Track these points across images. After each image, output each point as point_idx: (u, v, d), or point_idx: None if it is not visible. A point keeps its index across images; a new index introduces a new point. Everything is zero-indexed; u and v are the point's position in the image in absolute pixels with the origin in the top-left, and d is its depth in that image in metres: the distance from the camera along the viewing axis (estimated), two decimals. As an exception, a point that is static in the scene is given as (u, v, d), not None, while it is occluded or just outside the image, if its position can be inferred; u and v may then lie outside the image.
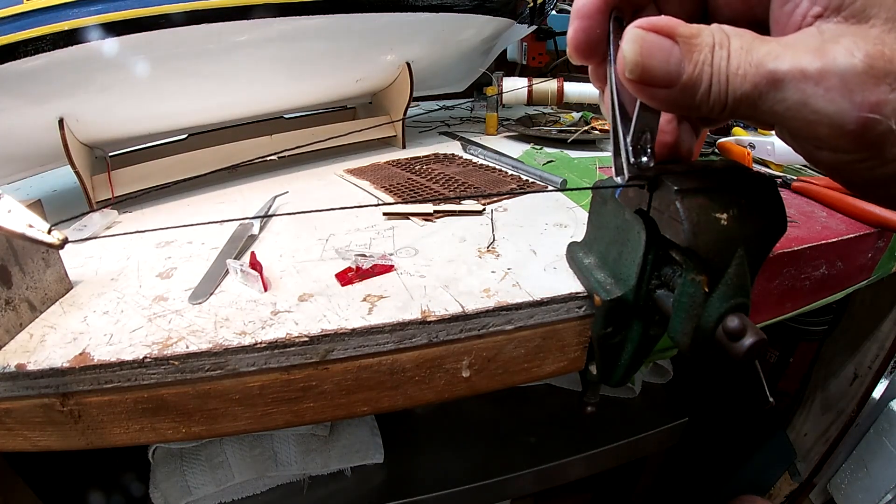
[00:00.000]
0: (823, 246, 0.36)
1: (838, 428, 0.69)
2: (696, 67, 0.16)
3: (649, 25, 0.17)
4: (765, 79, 0.16)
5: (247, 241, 0.37)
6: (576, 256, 0.30)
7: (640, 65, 0.17)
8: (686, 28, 0.17)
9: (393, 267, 0.32)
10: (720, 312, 0.22)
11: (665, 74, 0.17)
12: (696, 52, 0.17)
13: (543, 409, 0.61)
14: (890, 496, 0.63)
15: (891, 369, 0.65)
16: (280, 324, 0.26)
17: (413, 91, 0.61)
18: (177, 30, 0.42)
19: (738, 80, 0.16)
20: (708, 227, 0.21)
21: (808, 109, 0.16)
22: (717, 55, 0.16)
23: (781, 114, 0.16)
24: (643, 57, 0.17)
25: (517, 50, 1.04)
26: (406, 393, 0.28)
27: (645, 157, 0.21)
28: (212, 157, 0.55)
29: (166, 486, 0.49)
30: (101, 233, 0.42)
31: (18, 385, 0.24)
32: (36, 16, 0.38)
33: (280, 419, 0.27)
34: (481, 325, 0.28)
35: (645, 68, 0.17)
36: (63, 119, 0.44)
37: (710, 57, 0.16)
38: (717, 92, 0.17)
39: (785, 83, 0.16)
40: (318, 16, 0.48)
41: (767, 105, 0.16)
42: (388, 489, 0.53)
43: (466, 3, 0.56)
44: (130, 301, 0.30)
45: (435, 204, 0.41)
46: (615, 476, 0.69)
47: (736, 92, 0.16)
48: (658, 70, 0.17)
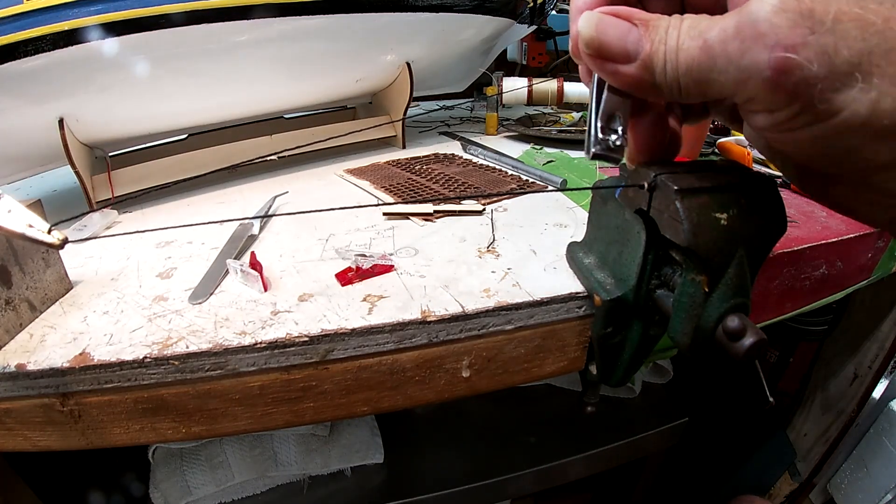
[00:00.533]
0: (823, 246, 0.36)
1: (838, 428, 0.69)
2: (652, 45, 0.18)
3: (606, 10, 0.19)
4: (701, 49, 0.17)
5: (247, 241, 0.37)
6: (576, 256, 0.30)
7: (596, 40, 0.18)
8: (643, 14, 0.18)
9: (393, 267, 0.32)
10: (720, 312, 0.22)
11: (621, 50, 0.18)
12: (653, 32, 0.18)
13: (543, 409, 0.61)
14: (890, 496, 0.63)
15: (891, 369, 0.65)
16: (280, 324, 0.26)
17: (413, 91, 0.61)
18: (177, 30, 0.42)
19: (683, 54, 0.17)
20: (708, 227, 0.21)
21: (735, 68, 0.16)
22: (671, 35, 0.17)
23: (721, 84, 0.17)
24: (598, 33, 0.18)
25: (517, 50, 1.04)
26: (406, 393, 0.28)
27: (614, 135, 0.22)
28: (212, 157, 0.55)
29: (166, 486, 0.49)
30: (101, 233, 0.42)
31: (18, 385, 0.24)
32: (36, 16, 0.38)
33: (280, 419, 0.27)
34: (481, 325, 0.28)
35: (601, 43, 0.18)
36: (63, 119, 0.44)
37: (664, 36, 0.17)
38: (671, 70, 0.17)
39: (715, 50, 0.16)
40: (318, 16, 0.48)
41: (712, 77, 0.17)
42: (388, 489, 0.53)
43: (466, 3, 0.56)
44: (130, 301, 0.30)
45: (435, 204, 0.41)
46: (615, 476, 0.69)
47: (681, 67, 0.17)
48: (614, 45, 0.18)
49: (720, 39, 0.16)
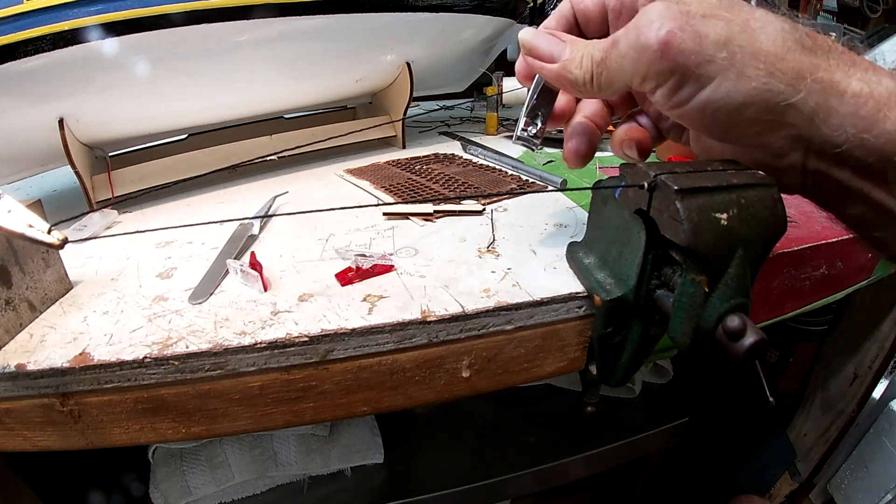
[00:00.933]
0: (823, 246, 0.36)
1: (838, 428, 0.69)
2: (573, 52, 0.25)
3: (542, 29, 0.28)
4: (610, 43, 0.24)
5: (247, 241, 0.37)
6: (576, 256, 0.30)
7: (530, 43, 0.27)
8: (569, 36, 0.27)
9: (393, 267, 0.32)
10: (720, 312, 0.22)
11: (548, 52, 0.26)
12: (573, 45, 0.26)
13: (543, 409, 0.61)
14: (890, 496, 0.63)
15: (891, 369, 0.65)
16: (280, 324, 0.26)
17: (413, 91, 0.61)
18: (177, 30, 0.42)
19: (596, 49, 0.24)
20: (708, 227, 0.21)
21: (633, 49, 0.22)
22: (589, 47, 0.25)
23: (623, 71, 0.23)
24: (533, 40, 0.27)
25: (517, 50, 1.04)
26: (406, 393, 0.28)
27: (533, 127, 0.30)
28: (212, 157, 0.55)
29: (166, 486, 0.50)
30: (101, 233, 0.42)
31: (18, 385, 0.24)
32: (36, 16, 0.38)
33: (280, 419, 0.27)
34: (481, 325, 0.28)
35: (533, 46, 0.27)
36: (63, 119, 0.44)
37: (582, 47, 0.25)
38: (586, 63, 0.25)
39: (619, 40, 0.23)
40: (318, 16, 0.48)
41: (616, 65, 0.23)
42: (388, 489, 0.53)
43: (466, 3, 0.56)
44: (130, 301, 0.30)
45: (435, 204, 0.41)
46: (615, 476, 0.69)
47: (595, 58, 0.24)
48: (543, 49, 0.27)
49: (623, 33, 0.23)
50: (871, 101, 0.20)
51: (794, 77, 0.20)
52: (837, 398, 0.70)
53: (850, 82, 0.20)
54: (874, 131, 0.20)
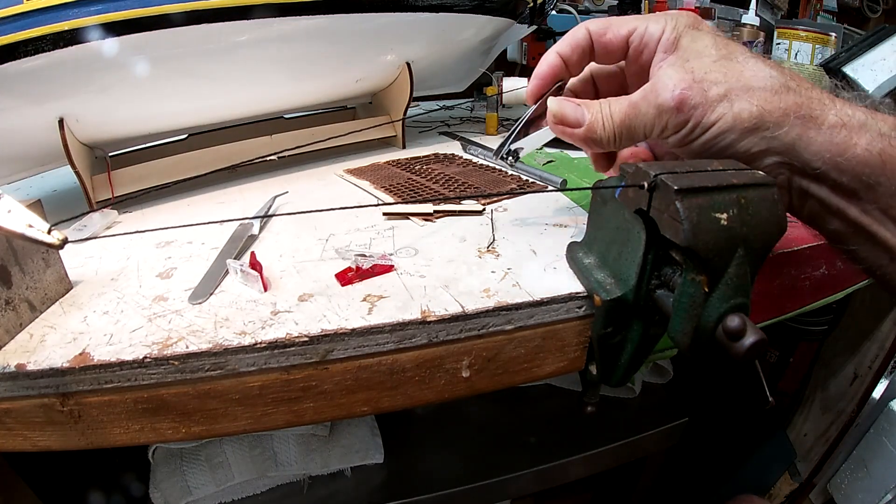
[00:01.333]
0: (823, 246, 0.36)
1: (838, 428, 0.69)
2: (593, 115, 0.29)
3: (565, 98, 0.31)
4: (629, 105, 0.28)
5: (247, 241, 0.37)
6: (576, 256, 0.30)
7: (561, 113, 0.30)
8: (582, 100, 0.30)
9: (393, 267, 0.32)
10: (720, 312, 0.22)
11: (574, 119, 0.30)
12: (594, 109, 0.29)
13: (543, 409, 0.61)
14: (890, 496, 0.63)
15: (891, 369, 0.65)
16: (280, 324, 0.26)
17: (413, 91, 0.61)
18: (177, 30, 0.42)
19: (616, 112, 0.28)
20: (708, 227, 0.21)
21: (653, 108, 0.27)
22: (603, 107, 0.29)
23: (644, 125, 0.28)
24: (560, 109, 0.30)
25: (517, 50, 1.04)
26: (406, 393, 0.28)
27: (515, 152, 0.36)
28: (212, 157, 0.54)
29: (166, 486, 0.50)
30: (101, 233, 0.42)
31: (18, 385, 0.24)
32: (36, 16, 0.38)
33: (280, 419, 0.27)
34: (481, 325, 0.28)
35: (562, 114, 0.30)
36: (63, 119, 0.44)
37: (599, 108, 0.29)
38: (608, 125, 0.29)
39: (638, 102, 0.28)
40: (318, 16, 0.48)
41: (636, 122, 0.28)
42: (388, 489, 0.53)
43: (466, 3, 0.56)
44: (130, 301, 0.30)
45: (435, 204, 0.41)
46: (615, 476, 0.69)
47: (616, 120, 0.28)
48: (569, 116, 0.30)
49: (642, 96, 0.28)
50: (843, 131, 0.25)
51: (781, 115, 0.25)
52: (837, 398, 0.70)
53: (828, 116, 0.25)
54: (846, 155, 0.25)
